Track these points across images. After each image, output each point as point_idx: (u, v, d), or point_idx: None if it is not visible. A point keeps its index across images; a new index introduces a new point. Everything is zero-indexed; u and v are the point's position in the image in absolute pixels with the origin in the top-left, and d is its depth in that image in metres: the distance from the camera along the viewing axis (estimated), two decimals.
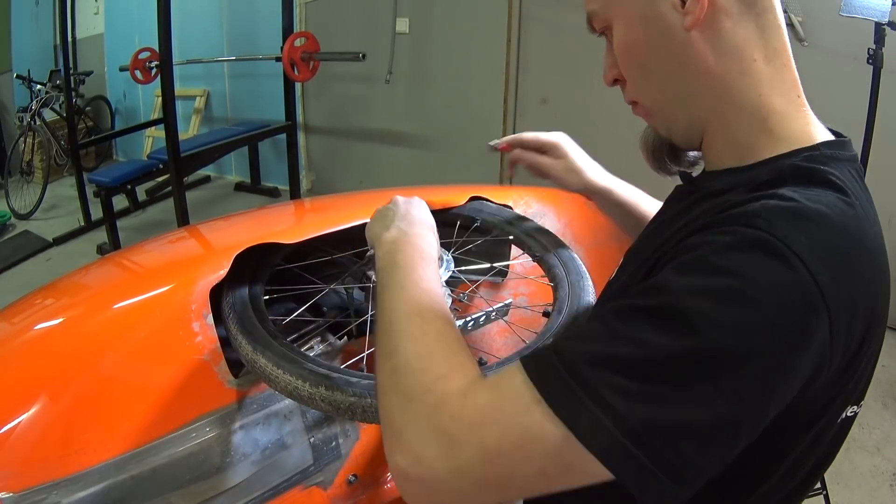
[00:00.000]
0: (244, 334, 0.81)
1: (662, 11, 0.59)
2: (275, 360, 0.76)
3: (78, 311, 0.96)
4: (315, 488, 0.98)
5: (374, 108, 4.25)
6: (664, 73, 0.62)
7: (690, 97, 0.62)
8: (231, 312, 0.85)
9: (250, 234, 1.03)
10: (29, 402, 0.78)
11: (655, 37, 0.60)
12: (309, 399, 0.73)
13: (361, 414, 0.71)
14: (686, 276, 0.47)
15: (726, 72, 0.59)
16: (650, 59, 0.62)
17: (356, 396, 0.71)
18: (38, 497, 0.75)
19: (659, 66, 0.62)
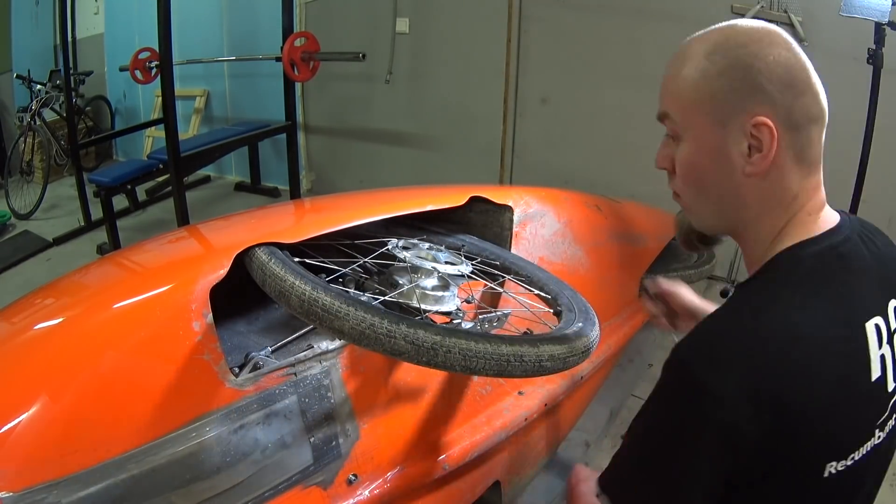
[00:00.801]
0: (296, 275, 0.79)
1: (731, 153, 0.71)
2: (343, 299, 0.74)
3: (78, 311, 0.96)
4: (315, 488, 0.98)
5: (374, 108, 4.25)
6: (713, 196, 0.74)
7: (729, 214, 0.75)
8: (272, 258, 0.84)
9: (250, 234, 1.03)
10: (29, 401, 0.78)
11: (717, 169, 0.72)
12: (386, 336, 0.71)
13: (444, 355, 0.71)
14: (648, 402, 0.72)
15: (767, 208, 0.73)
16: (706, 183, 0.74)
17: (440, 335, 0.70)
18: (39, 496, 0.75)
19: (711, 189, 0.74)
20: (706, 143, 0.72)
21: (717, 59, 0.70)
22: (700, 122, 0.72)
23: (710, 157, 0.72)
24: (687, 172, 0.75)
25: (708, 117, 0.71)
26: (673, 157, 0.76)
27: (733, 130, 0.70)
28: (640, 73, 3.30)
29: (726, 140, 0.70)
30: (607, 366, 1.80)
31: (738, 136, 0.69)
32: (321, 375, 1.00)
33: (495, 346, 0.73)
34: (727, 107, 0.70)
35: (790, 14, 2.78)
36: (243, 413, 0.91)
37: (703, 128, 0.71)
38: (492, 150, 3.80)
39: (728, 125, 0.70)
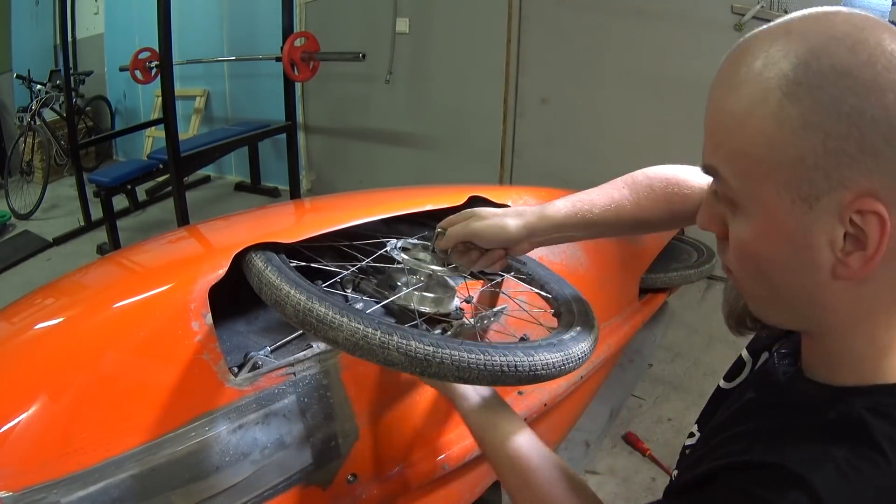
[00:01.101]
0: (292, 284, 0.78)
1: (815, 244, 0.48)
2: (337, 310, 0.74)
3: (78, 311, 0.96)
4: (314, 487, 0.98)
5: (374, 108, 4.25)
6: (783, 294, 0.53)
7: (797, 316, 0.54)
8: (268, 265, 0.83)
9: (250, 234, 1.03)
10: (29, 401, 0.78)
11: (793, 264, 0.50)
12: (380, 347, 0.71)
13: (437, 366, 0.71)
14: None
15: (852, 317, 0.51)
16: (773, 277, 0.52)
17: (433, 346, 0.71)
18: (38, 496, 0.75)
19: (780, 286, 0.52)
20: (779, 225, 0.49)
21: (805, 98, 0.45)
22: (772, 194, 0.48)
23: (782, 247, 0.49)
24: (745, 257, 0.53)
25: (785, 190, 0.47)
26: (724, 220, 0.54)
27: (824, 213, 0.46)
28: (640, 73, 3.31)
29: (812, 226, 0.47)
30: (607, 366, 1.80)
31: (831, 223, 0.46)
32: (320, 375, 1.00)
33: (489, 356, 0.73)
34: (818, 177, 0.46)
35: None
36: (242, 413, 0.91)
37: (775, 203, 0.48)
38: (492, 150, 3.80)
39: (816, 205, 0.46)
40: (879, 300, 0.50)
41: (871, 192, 0.45)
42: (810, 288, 0.50)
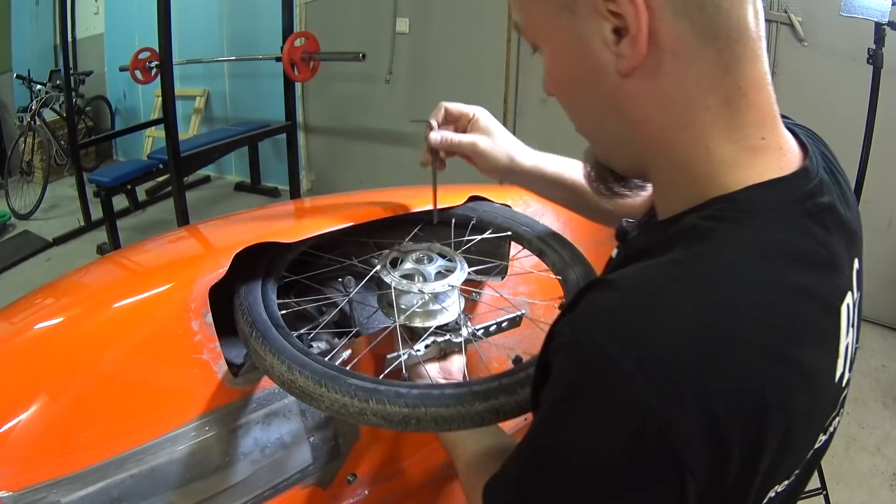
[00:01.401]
0: (275, 355, 0.78)
1: (593, 48, 0.48)
2: (316, 380, 0.74)
3: (78, 311, 0.96)
4: (314, 487, 0.98)
5: (374, 107, 4.25)
6: (596, 114, 0.54)
7: (626, 143, 0.53)
8: (253, 331, 0.83)
9: (250, 234, 1.03)
10: (29, 400, 0.78)
11: (584, 75, 0.50)
12: (359, 414, 0.72)
13: (415, 424, 0.71)
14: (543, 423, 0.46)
15: (669, 123, 0.49)
16: (579, 98, 0.54)
17: (409, 407, 0.70)
18: (38, 496, 0.75)
19: (589, 105, 0.53)
20: (559, 42, 0.51)
21: None
22: (541, 15, 0.51)
23: (571, 61, 0.51)
24: (554, 89, 0.55)
25: (548, 6, 0.50)
26: None
27: (586, 14, 0.47)
28: None
29: (582, 31, 0.48)
30: None
31: (595, 21, 0.47)
32: None
33: (468, 406, 0.72)
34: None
35: (790, 14, 2.79)
36: (242, 412, 0.91)
37: (547, 23, 0.51)
38: None
39: (576, 9, 0.48)
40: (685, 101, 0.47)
41: None
42: (610, 98, 0.50)
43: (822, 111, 2.71)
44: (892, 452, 2.15)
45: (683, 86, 0.47)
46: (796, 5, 2.79)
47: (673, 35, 0.45)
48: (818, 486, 1.73)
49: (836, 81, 2.71)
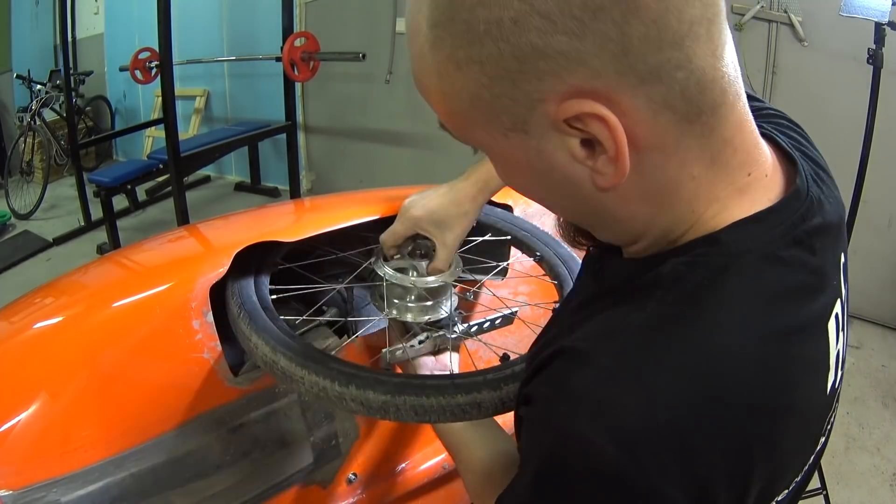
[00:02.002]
0: (259, 334, 0.78)
1: (559, 163, 0.42)
2: (299, 361, 0.74)
3: (78, 310, 0.96)
4: (314, 487, 0.98)
5: (374, 108, 4.25)
6: (570, 212, 0.49)
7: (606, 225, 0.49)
8: (241, 312, 0.83)
9: (250, 233, 1.03)
10: (28, 400, 0.78)
11: (551, 185, 0.44)
12: (338, 399, 0.71)
13: (394, 412, 0.70)
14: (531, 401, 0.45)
15: (654, 207, 0.44)
16: (550, 203, 0.48)
17: (388, 395, 0.70)
18: (38, 495, 0.75)
19: (561, 205, 0.49)
20: (512, 160, 0.45)
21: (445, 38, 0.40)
22: (485, 136, 0.45)
23: (531, 176, 0.45)
24: (523, 193, 0.50)
25: (492, 128, 0.43)
26: None
27: (543, 132, 0.41)
28: None
29: (542, 148, 0.42)
30: None
31: (556, 138, 0.41)
32: None
33: (449, 398, 0.71)
34: (507, 105, 0.40)
35: (790, 14, 2.79)
36: (243, 411, 0.91)
37: (494, 143, 0.44)
38: None
39: (529, 129, 0.41)
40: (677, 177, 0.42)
41: (572, 91, 0.38)
42: (589, 204, 0.44)
43: (822, 111, 2.71)
44: (892, 452, 2.15)
45: (668, 171, 0.42)
46: (796, 5, 2.79)
47: (655, 133, 0.40)
48: (818, 486, 1.73)
49: (836, 81, 2.71)
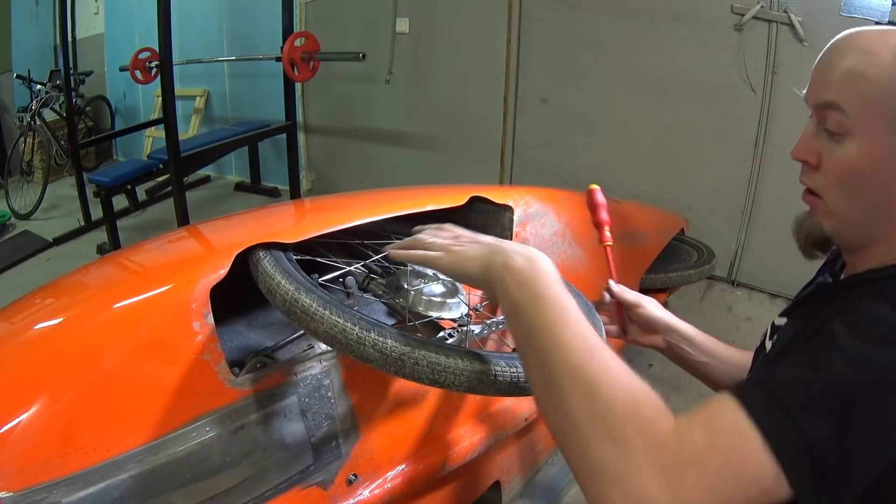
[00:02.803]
0: (284, 275, 0.80)
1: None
2: (321, 303, 0.75)
3: (78, 311, 0.96)
4: (315, 488, 0.98)
5: (374, 108, 4.25)
6: (869, 204, 0.67)
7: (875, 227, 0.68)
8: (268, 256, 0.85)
9: (251, 234, 1.03)
10: (29, 401, 0.78)
11: (883, 179, 0.65)
12: (357, 343, 0.71)
13: (412, 366, 0.70)
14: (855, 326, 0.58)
15: None
16: (865, 190, 0.66)
17: (409, 347, 0.70)
18: (39, 496, 0.75)
19: (869, 197, 0.66)
20: (878, 149, 0.65)
21: None
22: (876, 125, 0.64)
23: (878, 165, 0.65)
24: (846, 175, 0.67)
25: (886, 124, 0.64)
26: (821, 152, 0.69)
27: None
28: (640, 72, 3.31)
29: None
30: None
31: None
32: (321, 375, 1.00)
33: (467, 362, 0.71)
34: None
35: (790, 14, 2.79)
36: (243, 413, 0.91)
37: (877, 132, 0.64)
38: (492, 150, 3.80)
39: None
40: None
41: None
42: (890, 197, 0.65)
43: None
44: None
45: None
46: (796, 5, 2.79)
47: None
48: None
49: None
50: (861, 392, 0.54)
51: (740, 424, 0.54)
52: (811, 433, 0.53)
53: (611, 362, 0.58)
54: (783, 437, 0.53)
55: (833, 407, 0.54)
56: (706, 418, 0.56)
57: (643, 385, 0.57)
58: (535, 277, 0.64)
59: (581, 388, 0.56)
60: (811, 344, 0.59)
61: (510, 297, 0.64)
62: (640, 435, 0.53)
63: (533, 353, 0.60)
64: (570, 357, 0.58)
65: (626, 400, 0.55)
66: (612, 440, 0.53)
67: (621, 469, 0.52)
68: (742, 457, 0.53)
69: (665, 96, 3.22)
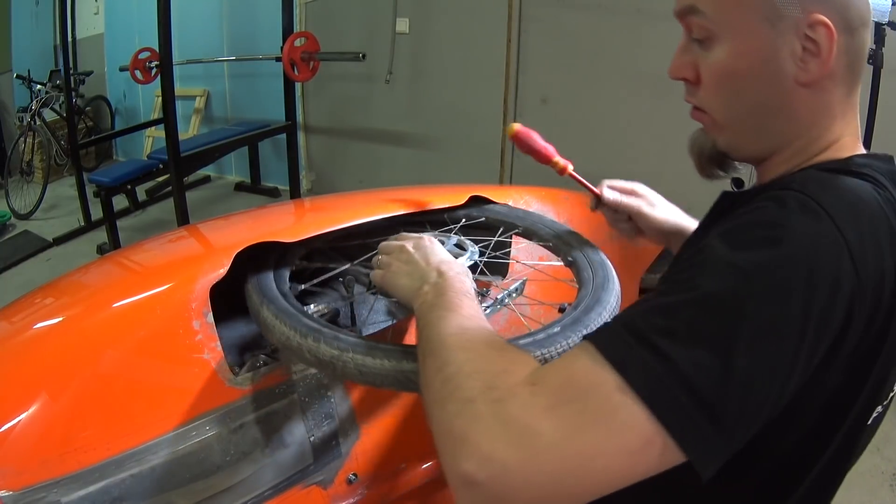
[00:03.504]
0: (256, 290, 0.87)
1: (780, 56, 0.58)
2: (276, 313, 0.81)
3: (78, 310, 0.96)
4: (315, 487, 0.98)
5: (374, 108, 4.25)
6: (754, 108, 0.62)
7: (770, 133, 0.63)
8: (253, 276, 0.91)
9: (250, 233, 1.03)
10: (29, 400, 0.78)
11: (763, 77, 0.60)
12: (297, 349, 0.76)
13: (341, 369, 0.73)
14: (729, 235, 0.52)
15: (812, 123, 0.62)
16: (747, 92, 0.62)
17: (338, 350, 0.73)
18: (38, 495, 0.75)
19: (753, 100, 0.62)
20: (751, 44, 0.59)
21: None
22: (744, 18, 0.59)
23: (754, 62, 0.59)
24: (722, 80, 0.62)
25: (754, 13, 0.58)
26: (696, 64, 0.64)
27: (785, 30, 0.57)
28: (639, 72, 3.30)
29: (776, 42, 0.58)
30: None
31: (790, 38, 0.57)
32: (321, 374, 1.00)
33: (394, 362, 0.70)
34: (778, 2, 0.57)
35: None
36: (243, 412, 0.91)
37: (746, 26, 0.59)
38: (492, 150, 3.80)
39: (779, 24, 0.57)
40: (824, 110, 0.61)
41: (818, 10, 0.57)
42: (778, 98, 0.60)
43: None
44: (892, 452, 2.15)
45: (827, 96, 0.61)
46: None
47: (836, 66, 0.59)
48: None
49: None
50: (739, 306, 0.46)
51: (594, 364, 0.47)
52: (683, 364, 0.44)
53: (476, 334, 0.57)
54: (645, 371, 0.45)
55: (708, 329, 0.46)
56: (562, 362, 0.50)
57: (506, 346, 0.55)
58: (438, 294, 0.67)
59: (438, 360, 0.55)
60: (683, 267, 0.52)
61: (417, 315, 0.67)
62: (487, 389, 0.48)
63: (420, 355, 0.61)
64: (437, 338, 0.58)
65: (477, 358, 0.53)
66: (459, 398, 0.49)
67: (466, 426, 0.47)
68: (602, 400, 0.45)
69: (665, 96, 3.21)
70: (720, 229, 0.53)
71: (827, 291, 0.47)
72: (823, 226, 0.49)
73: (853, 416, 0.57)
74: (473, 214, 1.18)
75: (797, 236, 0.49)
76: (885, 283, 0.51)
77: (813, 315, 0.47)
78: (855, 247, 0.49)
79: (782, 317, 0.46)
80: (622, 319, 0.50)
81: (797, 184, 0.53)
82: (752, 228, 0.51)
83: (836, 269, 0.48)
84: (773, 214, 0.51)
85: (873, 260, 0.50)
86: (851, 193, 0.53)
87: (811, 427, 0.55)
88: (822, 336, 0.48)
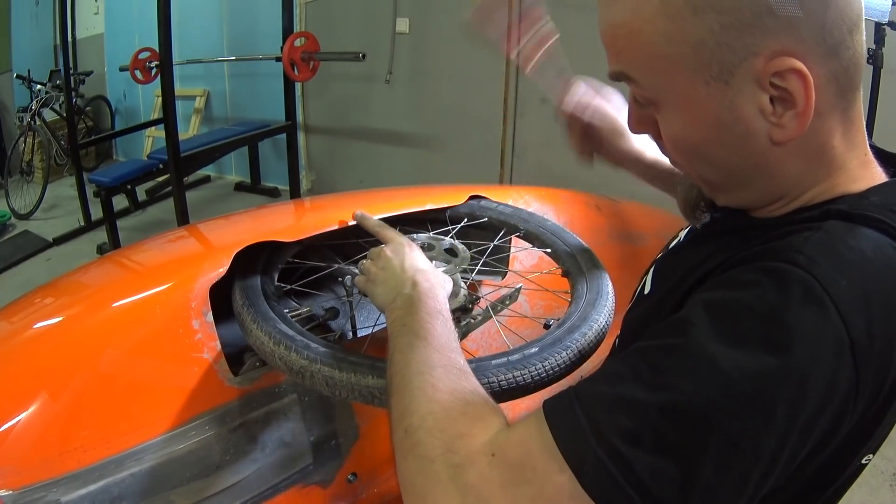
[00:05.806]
0: (240, 292, 0.88)
1: (744, 116, 0.49)
2: (255, 318, 0.81)
3: (77, 310, 0.96)
4: (314, 487, 0.98)
5: (374, 108, 4.25)
6: (730, 171, 0.54)
7: (757, 189, 0.55)
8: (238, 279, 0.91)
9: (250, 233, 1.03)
10: (28, 399, 0.78)
11: (729, 141, 0.51)
12: (271, 356, 0.77)
13: (310, 379, 0.73)
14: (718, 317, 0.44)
15: (806, 172, 0.52)
16: (715, 159, 0.53)
17: (308, 360, 0.73)
18: (38, 495, 0.75)
19: (725, 164, 0.53)
20: (701, 112, 0.50)
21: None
22: (684, 85, 0.49)
23: (712, 130, 0.50)
24: (682, 148, 0.54)
25: (697, 76, 0.48)
26: (654, 120, 0.55)
27: (742, 86, 0.47)
28: None
29: (734, 102, 0.48)
30: None
31: (752, 91, 0.47)
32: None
33: (360, 377, 0.70)
34: (724, 54, 0.46)
35: None
36: (243, 411, 0.91)
37: (691, 92, 0.49)
38: (492, 150, 3.80)
39: (732, 81, 0.47)
40: (819, 149, 0.51)
41: (781, 51, 0.46)
42: (754, 159, 0.51)
43: None
44: (893, 452, 2.15)
45: (819, 138, 0.50)
46: None
47: (822, 100, 0.48)
48: None
49: None
50: (715, 418, 0.41)
51: (551, 457, 0.43)
52: (642, 471, 0.41)
53: (442, 379, 0.53)
54: (601, 477, 0.41)
55: (675, 439, 0.41)
56: (522, 432, 0.47)
57: (471, 397, 0.52)
58: (408, 311, 0.64)
59: (402, 404, 0.53)
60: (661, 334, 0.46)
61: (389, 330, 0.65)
62: (447, 451, 0.47)
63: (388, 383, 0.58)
64: (402, 375, 0.55)
65: (440, 412, 0.50)
66: (420, 455, 0.48)
67: (426, 487, 0.46)
68: (555, 492, 0.43)
69: None
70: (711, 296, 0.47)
71: (817, 399, 0.42)
72: (829, 324, 0.42)
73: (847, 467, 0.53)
74: (476, 214, 1.18)
75: (796, 343, 0.42)
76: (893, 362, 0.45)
77: (798, 424, 0.42)
78: (860, 342, 0.43)
79: (762, 433, 0.41)
80: (586, 402, 0.45)
81: (805, 256, 0.44)
82: (747, 317, 0.44)
83: (832, 374, 0.42)
84: (773, 303, 0.43)
85: (881, 341, 0.44)
86: (865, 266, 0.45)
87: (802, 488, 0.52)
88: (808, 437, 0.44)
